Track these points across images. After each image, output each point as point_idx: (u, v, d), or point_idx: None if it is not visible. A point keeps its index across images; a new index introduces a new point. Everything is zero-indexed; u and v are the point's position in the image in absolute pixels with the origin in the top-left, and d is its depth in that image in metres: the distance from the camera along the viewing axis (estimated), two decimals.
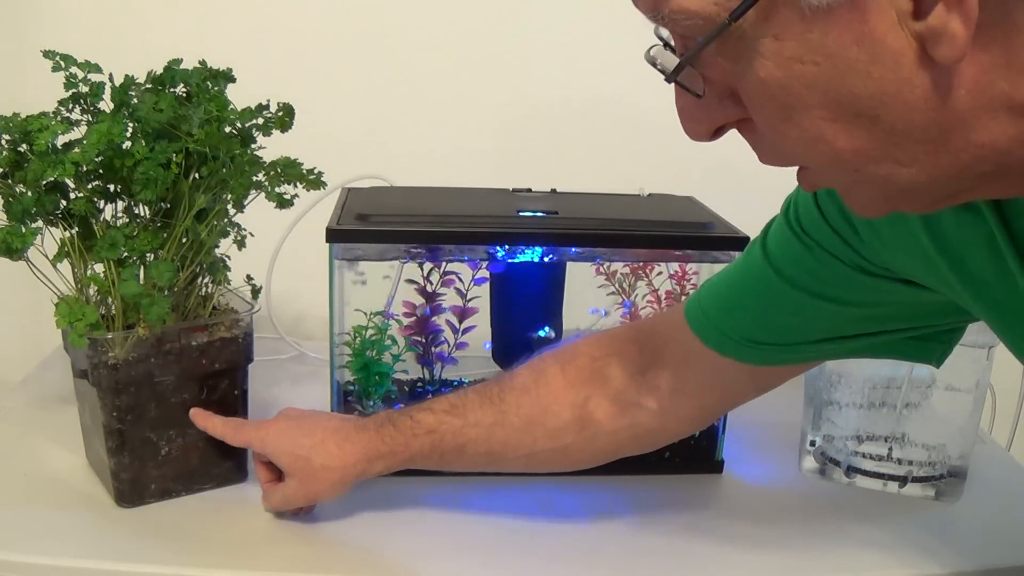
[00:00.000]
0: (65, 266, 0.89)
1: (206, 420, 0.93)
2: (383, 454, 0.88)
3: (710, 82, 0.54)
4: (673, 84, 0.55)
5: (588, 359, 0.87)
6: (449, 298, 1.12)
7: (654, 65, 0.55)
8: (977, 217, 0.60)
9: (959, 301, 0.67)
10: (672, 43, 0.54)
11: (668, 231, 1.02)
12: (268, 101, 0.93)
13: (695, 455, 1.06)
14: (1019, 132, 0.49)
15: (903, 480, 1.02)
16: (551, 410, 0.86)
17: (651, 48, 0.55)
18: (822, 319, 0.77)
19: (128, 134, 0.86)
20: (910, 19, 0.46)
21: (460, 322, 1.13)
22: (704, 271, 1.09)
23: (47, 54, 0.89)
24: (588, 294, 1.13)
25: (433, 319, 1.11)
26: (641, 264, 1.09)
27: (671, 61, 0.53)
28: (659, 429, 0.87)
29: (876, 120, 0.49)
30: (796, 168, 0.58)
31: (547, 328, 1.15)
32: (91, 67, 0.90)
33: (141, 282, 0.87)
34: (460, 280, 1.11)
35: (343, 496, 0.90)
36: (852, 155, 0.51)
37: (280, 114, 0.93)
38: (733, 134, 0.60)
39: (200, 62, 0.94)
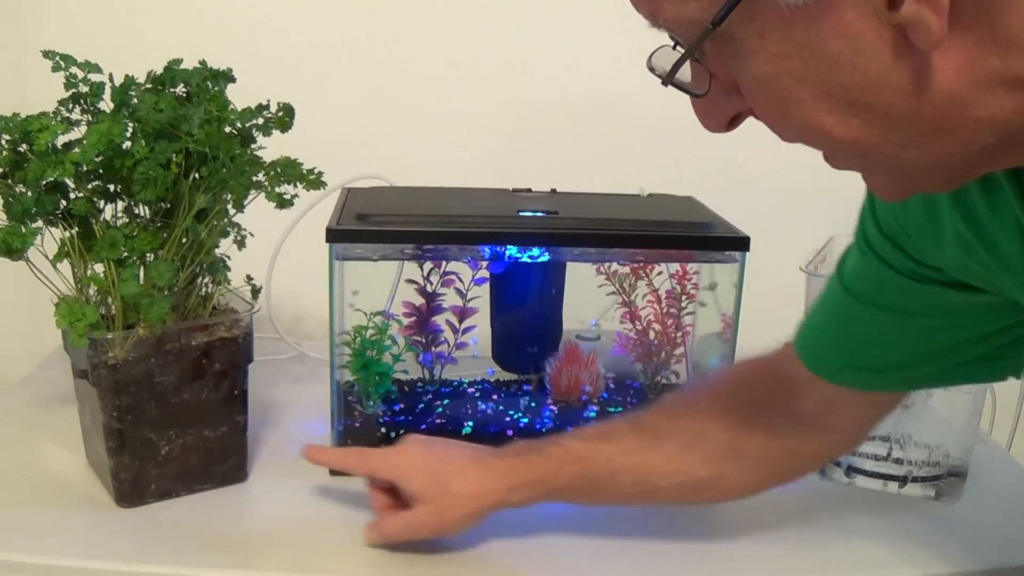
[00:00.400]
0: (65, 266, 0.89)
1: (321, 454, 0.90)
2: (527, 482, 0.83)
3: (716, 78, 0.56)
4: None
5: (735, 386, 0.86)
6: (449, 298, 1.12)
7: (653, 71, 0.57)
8: (1004, 198, 0.61)
9: (1007, 291, 0.68)
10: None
11: (668, 231, 1.02)
12: (268, 101, 0.93)
13: None
14: (1018, 104, 0.50)
15: (903, 480, 1.02)
16: (707, 436, 0.83)
17: (651, 55, 0.57)
18: (893, 335, 0.76)
19: (128, 134, 0.86)
20: (885, 10, 0.47)
21: (460, 322, 1.13)
22: (704, 271, 1.09)
23: (47, 54, 0.89)
24: (588, 294, 1.13)
25: (432, 319, 1.11)
26: (641, 264, 1.09)
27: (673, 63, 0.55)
28: (808, 454, 0.85)
29: (868, 108, 0.51)
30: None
31: (547, 329, 1.15)
32: (91, 67, 0.90)
33: (141, 282, 0.87)
34: (460, 280, 1.11)
35: (466, 526, 0.84)
36: (852, 143, 0.52)
37: (280, 114, 0.93)
38: (733, 136, 0.62)
39: (200, 62, 0.94)
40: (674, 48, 0.55)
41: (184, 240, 0.90)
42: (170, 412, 0.92)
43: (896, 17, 0.47)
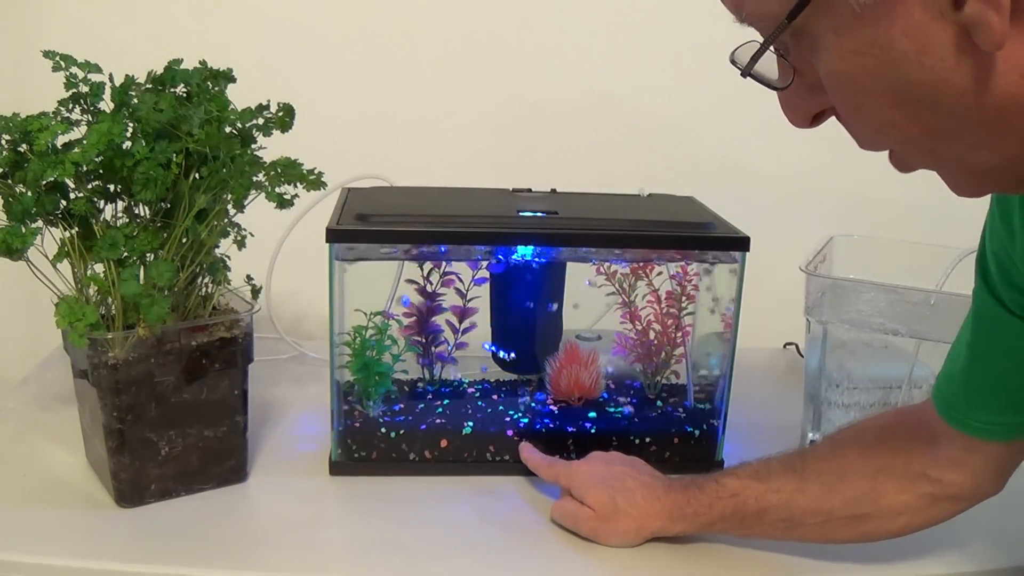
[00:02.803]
0: (65, 266, 0.89)
1: (526, 452, 1.00)
2: (687, 515, 0.89)
3: (800, 73, 0.58)
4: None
5: (879, 431, 0.88)
6: (449, 298, 1.12)
7: (734, 63, 0.59)
8: None
9: None
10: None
11: (668, 231, 1.02)
12: (268, 101, 0.93)
13: (695, 455, 1.06)
14: None
15: None
16: (847, 478, 0.86)
17: (736, 50, 0.59)
18: (1015, 379, 0.77)
19: (128, 134, 0.86)
20: (950, 10, 0.49)
21: (460, 322, 1.13)
22: (704, 271, 1.09)
23: (47, 54, 0.89)
24: (588, 294, 1.13)
25: (432, 319, 1.11)
26: (641, 264, 1.09)
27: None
28: (948, 498, 0.86)
29: (936, 106, 0.52)
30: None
31: (546, 328, 1.15)
32: (91, 67, 0.90)
33: (141, 282, 0.87)
34: (460, 280, 1.11)
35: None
36: (922, 139, 0.55)
37: (280, 114, 0.93)
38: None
39: (200, 62, 0.94)
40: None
41: (184, 240, 0.90)
42: (170, 412, 0.92)
43: (960, 17, 0.48)
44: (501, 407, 1.09)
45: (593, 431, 1.06)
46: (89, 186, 0.89)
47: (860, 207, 1.43)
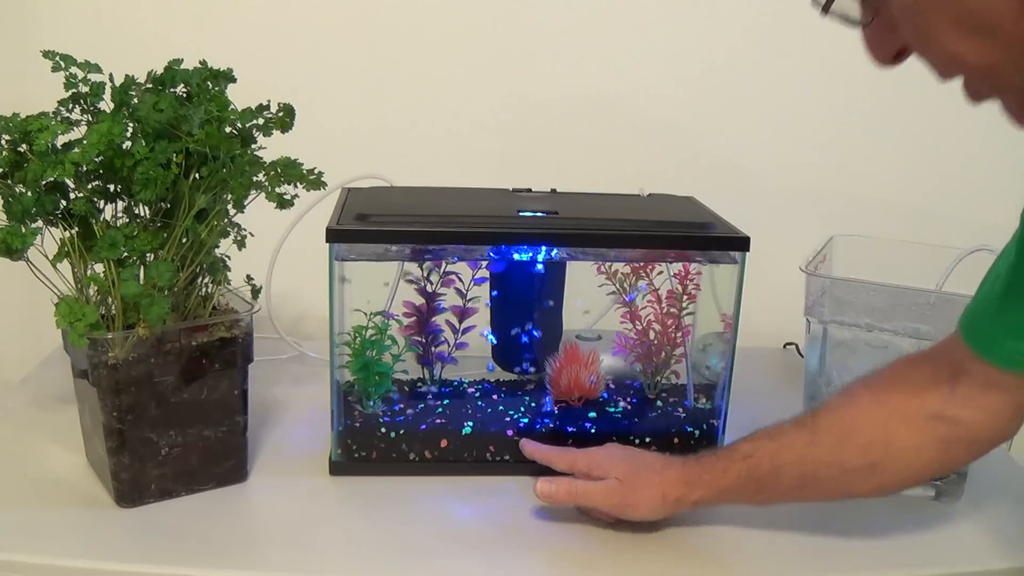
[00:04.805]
0: (65, 266, 0.89)
1: (530, 447, 1.00)
2: (703, 481, 0.89)
3: (879, 15, 0.61)
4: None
5: (890, 377, 0.88)
6: (449, 298, 1.12)
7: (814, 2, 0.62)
8: None
9: None
10: None
11: (668, 231, 1.02)
12: (268, 101, 0.93)
13: None
14: None
15: None
16: (858, 426, 0.86)
17: None
18: None
19: (128, 134, 0.86)
20: None
21: (460, 322, 1.13)
22: (704, 271, 1.09)
23: (47, 54, 0.89)
24: (588, 294, 1.13)
25: (433, 319, 1.11)
26: (641, 264, 1.09)
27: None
28: (960, 440, 0.85)
29: (994, 33, 0.55)
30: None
31: (546, 328, 1.15)
32: (91, 67, 0.90)
33: (141, 282, 0.87)
34: (460, 280, 1.11)
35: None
36: (983, 69, 0.58)
37: (280, 114, 0.93)
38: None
39: (200, 62, 0.94)
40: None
41: (184, 240, 0.90)
42: (170, 412, 0.92)
43: None
44: (501, 407, 1.09)
45: (593, 431, 1.06)
46: (89, 186, 0.89)
47: (860, 207, 1.43)
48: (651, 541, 0.92)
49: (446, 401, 1.10)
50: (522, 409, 1.09)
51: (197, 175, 0.90)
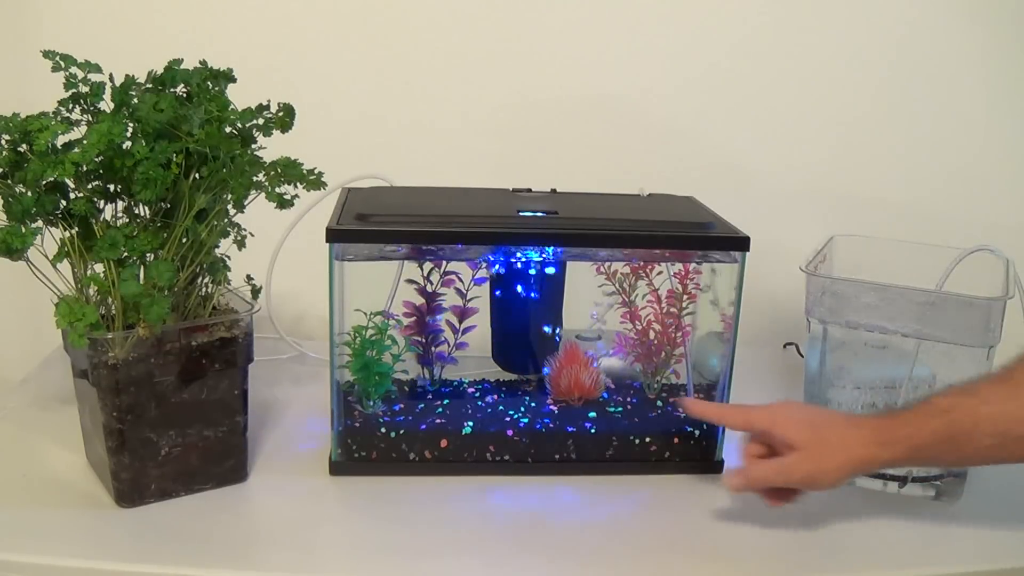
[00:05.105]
0: (65, 266, 0.89)
1: (697, 406, 0.94)
2: (897, 438, 0.84)
3: None
4: None
5: None
6: (449, 298, 1.12)
7: None
8: None
9: None
10: None
11: (668, 231, 1.02)
12: (268, 101, 0.93)
13: (695, 455, 1.06)
14: None
15: (903, 480, 1.02)
16: None
17: None
18: None
19: (128, 134, 0.86)
20: None
21: (460, 322, 1.13)
22: (705, 271, 1.09)
23: (47, 54, 0.89)
24: (588, 294, 1.13)
25: (433, 319, 1.11)
26: (641, 264, 1.09)
27: None
28: None
29: None
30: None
31: (547, 328, 1.15)
32: (91, 67, 0.90)
33: (141, 282, 0.87)
34: (460, 280, 1.11)
35: (830, 485, 0.86)
36: None
37: (280, 114, 0.93)
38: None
39: (200, 62, 0.94)
40: None
41: (184, 240, 0.90)
42: (170, 412, 0.92)
43: None
44: (501, 407, 1.09)
45: (593, 431, 1.06)
46: (89, 186, 0.89)
47: (860, 207, 1.43)
48: (651, 540, 0.92)
49: (446, 401, 1.10)
50: (522, 409, 1.09)
51: (197, 175, 0.90)
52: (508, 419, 1.07)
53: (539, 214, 1.03)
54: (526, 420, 1.07)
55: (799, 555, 0.92)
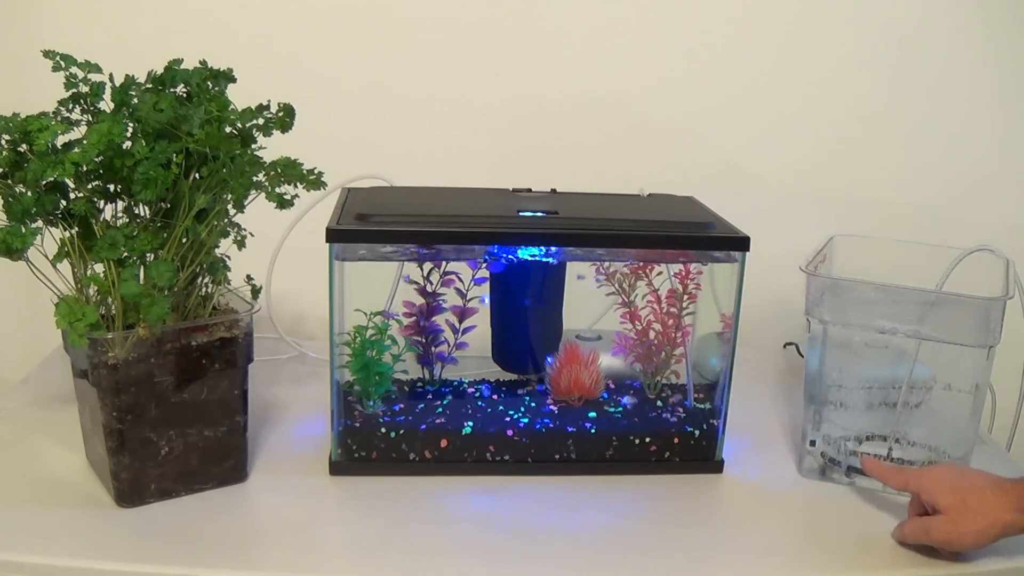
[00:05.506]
0: (65, 266, 0.89)
1: (873, 467, 0.99)
2: None
3: None
4: None
5: None
6: (449, 298, 1.12)
7: None
8: None
9: None
10: None
11: (668, 231, 1.02)
12: (268, 101, 0.93)
13: (695, 455, 1.06)
14: None
15: None
16: None
17: None
18: None
19: (128, 134, 0.86)
20: None
21: (460, 322, 1.13)
22: (705, 271, 1.09)
23: (47, 54, 0.89)
24: (588, 294, 1.13)
25: (433, 319, 1.11)
26: (641, 264, 1.09)
27: None
28: None
29: None
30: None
31: (546, 328, 1.15)
32: (91, 67, 0.90)
33: (141, 282, 0.87)
34: (460, 280, 1.11)
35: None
36: None
37: (280, 114, 0.93)
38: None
39: (200, 62, 0.94)
40: None
41: (184, 240, 0.90)
42: (170, 412, 0.92)
43: None
44: (501, 407, 1.09)
45: (593, 431, 1.06)
46: (89, 186, 0.89)
47: (860, 207, 1.43)
48: (652, 541, 0.92)
49: (446, 401, 1.10)
50: (522, 409, 1.09)
51: (197, 175, 0.90)
52: (508, 419, 1.07)
53: (539, 214, 1.03)
54: (526, 420, 1.07)
55: (799, 555, 0.92)
